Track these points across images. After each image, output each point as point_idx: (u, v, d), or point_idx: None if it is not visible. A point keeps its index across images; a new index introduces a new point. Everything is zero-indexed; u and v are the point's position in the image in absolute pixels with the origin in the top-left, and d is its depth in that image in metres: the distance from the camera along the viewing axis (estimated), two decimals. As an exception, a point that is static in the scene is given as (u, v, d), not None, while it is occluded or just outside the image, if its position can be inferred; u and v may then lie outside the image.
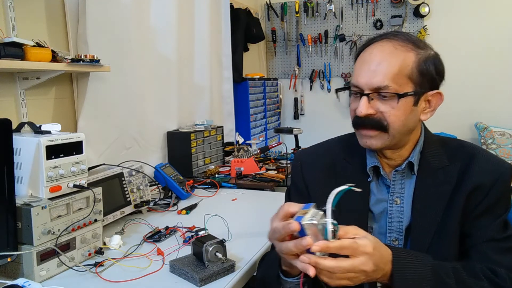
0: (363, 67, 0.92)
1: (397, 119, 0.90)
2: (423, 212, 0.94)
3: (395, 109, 0.89)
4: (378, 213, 0.99)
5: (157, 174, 1.92)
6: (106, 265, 1.21)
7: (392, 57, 0.89)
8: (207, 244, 1.12)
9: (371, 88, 0.90)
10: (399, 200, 0.97)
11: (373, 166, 0.99)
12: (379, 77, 0.88)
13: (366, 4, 3.86)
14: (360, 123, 0.94)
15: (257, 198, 1.94)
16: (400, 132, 0.92)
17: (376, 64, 0.90)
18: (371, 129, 0.93)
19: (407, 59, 0.89)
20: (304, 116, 4.26)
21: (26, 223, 1.07)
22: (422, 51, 0.91)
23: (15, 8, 1.51)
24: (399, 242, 0.97)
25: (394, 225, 0.97)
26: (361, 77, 0.91)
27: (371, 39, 0.96)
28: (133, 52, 2.04)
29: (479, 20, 3.56)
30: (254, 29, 3.64)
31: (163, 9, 2.28)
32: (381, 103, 0.90)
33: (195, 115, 2.68)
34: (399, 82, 0.88)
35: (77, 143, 1.22)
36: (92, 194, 1.24)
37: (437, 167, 0.96)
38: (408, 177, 0.98)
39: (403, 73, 0.89)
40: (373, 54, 0.91)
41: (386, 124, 0.91)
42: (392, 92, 0.88)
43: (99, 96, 1.83)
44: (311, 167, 1.08)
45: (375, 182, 1.00)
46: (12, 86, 1.55)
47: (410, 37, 0.93)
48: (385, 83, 0.88)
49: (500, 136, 3.46)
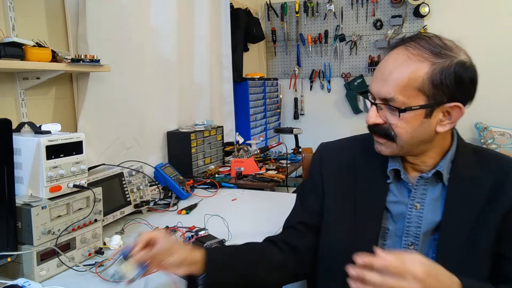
0: (377, 75, 0.90)
1: (404, 131, 0.88)
2: (453, 224, 0.91)
3: (401, 121, 0.87)
4: (396, 214, 0.97)
5: (157, 174, 1.92)
6: (106, 265, 1.20)
7: (403, 67, 0.85)
8: (207, 244, 1.12)
9: (380, 97, 0.89)
10: (419, 205, 0.94)
11: (393, 169, 0.97)
12: (387, 87, 0.86)
13: (366, 4, 3.86)
14: (371, 130, 0.94)
15: (257, 198, 1.94)
16: (409, 143, 0.90)
17: (387, 73, 0.87)
18: (379, 137, 0.93)
19: (419, 70, 0.84)
20: (304, 116, 4.26)
21: (26, 223, 1.07)
22: (441, 60, 0.84)
23: (15, 8, 1.51)
24: (414, 247, 0.95)
25: (411, 229, 0.95)
26: (373, 85, 0.90)
27: (393, 44, 0.93)
28: (133, 52, 2.04)
29: (479, 20, 3.56)
30: (254, 29, 3.64)
31: (163, 9, 2.28)
32: (389, 113, 0.89)
33: (195, 115, 2.68)
34: (407, 94, 0.85)
35: (77, 143, 1.22)
36: (92, 194, 1.24)
37: (468, 178, 0.92)
38: (432, 184, 0.95)
39: (412, 85, 0.84)
40: (387, 62, 0.89)
41: (394, 135, 0.89)
42: (397, 106, 0.86)
43: (99, 96, 1.83)
44: (331, 161, 1.07)
45: (394, 184, 0.98)
46: (12, 86, 1.55)
47: (432, 43, 0.86)
48: (392, 95, 0.86)
49: (500, 136, 3.46)
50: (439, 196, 0.94)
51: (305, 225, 1.06)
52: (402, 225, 0.96)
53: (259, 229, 1.44)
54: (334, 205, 1.03)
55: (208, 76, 2.83)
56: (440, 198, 0.94)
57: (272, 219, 1.15)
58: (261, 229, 1.41)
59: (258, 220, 1.57)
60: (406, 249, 0.95)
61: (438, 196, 0.94)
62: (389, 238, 0.97)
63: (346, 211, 1.00)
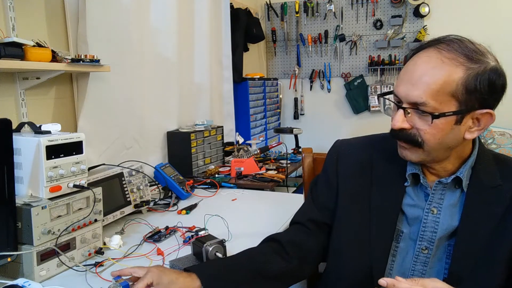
0: (405, 77, 0.86)
1: (433, 137, 0.85)
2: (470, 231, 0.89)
3: (431, 127, 0.83)
4: (411, 217, 0.95)
5: (157, 174, 1.92)
6: (106, 265, 1.21)
7: (437, 71, 0.81)
8: (207, 244, 1.12)
9: (409, 101, 0.84)
10: (436, 210, 0.93)
11: (412, 173, 0.95)
12: (418, 91, 0.82)
13: (366, 4, 3.86)
14: (393, 134, 0.90)
15: (257, 198, 1.94)
16: (436, 150, 0.87)
17: (418, 76, 0.83)
18: (404, 142, 0.89)
19: (453, 75, 0.81)
20: (304, 116, 4.26)
21: (26, 223, 1.07)
22: (475, 65, 0.82)
23: (15, 8, 1.51)
24: (429, 251, 0.93)
25: (427, 234, 0.93)
26: (401, 87, 0.86)
27: (421, 46, 0.88)
28: (133, 52, 2.04)
29: (479, 20, 3.56)
30: (254, 29, 3.64)
31: (163, 9, 2.28)
32: (418, 118, 0.85)
33: (195, 115, 2.68)
34: (439, 99, 0.81)
35: (77, 143, 1.21)
36: (92, 194, 1.24)
37: (488, 185, 0.90)
38: (451, 189, 0.93)
39: (446, 90, 0.81)
40: (417, 65, 0.84)
41: (421, 141, 0.86)
42: (429, 111, 0.82)
43: (99, 96, 1.83)
44: (348, 159, 1.04)
45: (412, 187, 0.96)
46: (12, 86, 1.55)
47: (465, 47, 0.84)
48: (423, 100, 0.81)
49: (500, 136, 3.46)
50: (457, 202, 0.92)
51: (315, 222, 1.04)
52: (418, 228, 0.94)
53: (259, 229, 1.44)
54: (348, 204, 1.01)
55: (208, 76, 2.83)
56: (457, 204, 0.92)
57: (272, 219, 1.15)
58: (261, 229, 1.41)
59: (258, 220, 1.57)
60: (419, 253, 0.94)
61: (455, 202, 0.92)
62: (402, 241, 0.96)
63: (360, 211, 0.98)
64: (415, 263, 0.94)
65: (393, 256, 0.96)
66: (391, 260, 0.96)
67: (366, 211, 0.98)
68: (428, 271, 0.93)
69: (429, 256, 0.93)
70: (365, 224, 0.97)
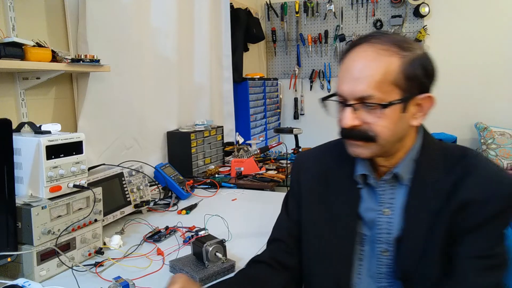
0: (346, 75, 0.86)
1: (385, 129, 0.85)
2: (412, 227, 0.89)
3: (382, 119, 0.84)
4: (368, 221, 0.95)
5: (157, 174, 1.92)
6: (106, 265, 1.21)
7: (376, 63, 0.83)
8: (207, 244, 1.12)
9: (355, 97, 0.85)
10: (389, 210, 0.92)
11: (361, 174, 0.95)
12: (362, 85, 0.83)
13: (366, 4, 3.86)
14: (345, 134, 0.90)
15: (257, 198, 1.94)
16: (389, 141, 0.87)
17: (358, 71, 0.84)
18: (357, 140, 0.88)
19: (392, 65, 0.83)
20: (304, 116, 4.26)
21: (26, 223, 1.07)
22: (408, 53, 0.85)
23: (15, 8, 1.51)
24: (389, 253, 0.93)
25: (383, 236, 0.93)
26: (344, 86, 0.86)
27: (353, 43, 0.89)
28: (133, 52, 2.04)
29: (479, 20, 3.56)
30: (254, 29, 3.64)
31: (163, 9, 2.28)
32: (367, 113, 0.85)
33: (195, 115, 2.68)
34: (383, 90, 0.83)
35: (77, 143, 1.22)
36: (92, 194, 1.24)
37: (430, 180, 0.89)
38: (399, 186, 0.92)
39: (387, 80, 0.83)
40: (355, 61, 0.86)
41: (373, 135, 0.86)
42: (376, 102, 0.83)
43: (99, 96, 1.83)
44: (307, 171, 1.06)
45: (366, 189, 0.96)
46: (12, 86, 1.55)
47: (394, 38, 0.86)
48: (369, 93, 0.83)
49: (500, 136, 3.46)
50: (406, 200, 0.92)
51: (291, 236, 1.05)
52: (375, 231, 0.94)
53: (259, 229, 1.44)
54: (311, 215, 1.02)
55: (208, 76, 2.83)
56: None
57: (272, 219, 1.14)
58: (261, 229, 1.41)
59: (258, 220, 1.57)
60: (380, 255, 0.93)
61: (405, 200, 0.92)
62: (366, 245, 0.96)
63: (321, 220, 0.99)
64: (379, 266, 0.94)
65: (360, 260, 0.96)
66: (358, 264, 0.96)
67: (327, 219, 0.99)
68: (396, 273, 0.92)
69: (391, 258, 0.92)
70: (327, 233, 0.97)
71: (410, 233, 0.89)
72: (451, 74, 3.64)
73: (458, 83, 3.61)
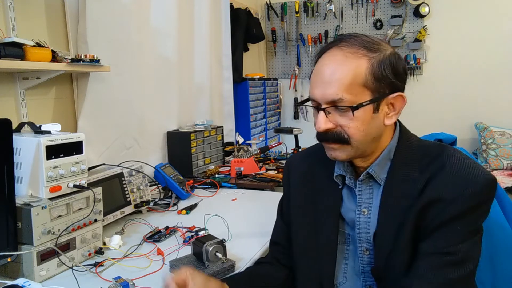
0: (317, 79, 0.88)
1: (357, 130, 0.86)
2: (384, 225, 0.90)
3: (353, 121, 0.86)
4: (349, 221, 0.97)
5: (157, 174, 1.92)
6: (106, 265, 1.21)
7: (344, 67, 0.85)
8: (207, 244, 1.12)
9: (326, 101, 0.86)
10: (366, 210, 0.94)
11: (340, 175, 0.97)
12: (332, 89, 0.85)
13: (366, 4, 3.86)
14: (321, 138, 0.91)
15: (257, 198, 1.94)
16: (363, 142, 0.88)
17: (328, 75, 0.86)
18: (333, 143, 0.90)
19: (360, 67, 0.85)
20: (304, 116, 4.25)
21: (26, 223, 1.07)
22: (375, 54, 0.86)
23: (15, 8, 1.51)
24: (370, 252, 0.94)
25: (362, 235, 0.94)
26: (316, 90, 0.88)
27: (324, 48, 0.91)
28: (133, 52, 2.04)
29: (479, 20, 3.56)
30: (254, 29, 3.64)
31: (163, 9, 2.27)
32: (339, 115, 0.87)
33: (195, 115, 2.68)
34: (353, 92, 0.84)
35: (77, 143, 1.22)
36: (92, 194, 1.24)
37: (404, 179, 0.89)
38: (376, 186, 0.94)
39: (357, 82, 0.84)
40: (325, 65, 0.87)
41: (347, 137, 0.87)
42: (347, 105, 0.84)
43: (99, 96, 1.83)
44: (295, 172, 1.08)
45: (346, 190, 0.98)
46: (12, 86, 1.55)
47: (362, 40, 0.88)
48: (339, 96, 0.84)
49: (500, 136, 3.46)
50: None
51: (287, 238, 1.07)
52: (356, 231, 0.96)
53: (259, 229, 1.44)
54: (298, 214, 1.04)
55: (208, 76, 2.83)
56: None
57: (272, 219, 1.15)
58: (261, 229, 1.42)
59: (258, 220, 1.57)
60: (362, 255, 0.95)
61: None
62: (351, 244, 0.98)
63: (307, 220, 1.01)
64: (363, 265, 0.96)
65: (345, 259, 0.99)
66: (344, 263, 0.99)
67: (311, 220, 1.01)
68: None
69: (371, 257, 0.94)
70: (313, 232, 1.00)
71: (383, 231, 0.91)
72: (451, 74, 3.64)
73: (458, 83, 3.61)
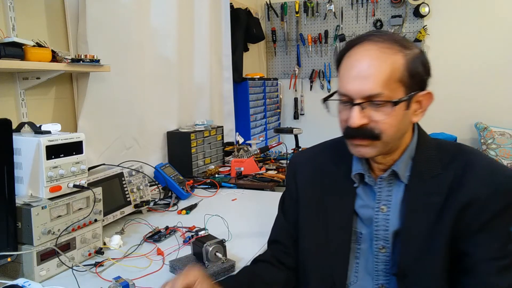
0: (351, 74, 0.86)
1: (391, 126, 0.85)
2: (411, 224, 0.89)
3: (389, 116, 0.84)
4: (365, 218, 0.96)
5: (157, 174, 1.92)
6: (106, 265, 1.21)
7: (382, 62, 0.83)
8: (207, 244, 1.12)
9: (363, 96, 0.84)
10: (385, 208, 0.93)
11: (358, 173, 0.96)
12: (370, 84, 0.83)
13: (366, 4, 3.86)
14: (352, 134, 0.89)
15: (257, 198, 1.94)
16: (394, 139, 0.88)
17: (365, 70, 0.83)
18: (363, 139, 0.88)
19: (397, 62, 0.84)
20: (304, 116, 4.26)
21: (26, 223, 1.07)
22: (410, 51, 0.86)
23: (15, 8, 1.51)
24: (386, 250, 0.93)
25: (380, 233, 0.94)
26: (350, 85, 0.85)
27: (353, 42, 0.89)
28: (133, 52, 2.04)
29: (479, 20, 3.56)
30: (254, 29, 3.64)
31: (163, 9, 2.27)
32: (374, 111, 0.85)
33: (195, 115, 2.68)
34: (391, 87, 0.83)
35: (77, 143, 1.22)
36: (92, 194, 1.24)
37: (428, 176, 0.90)
38: (396, 184, 0.93)
39: (394, 77, 0.83)
40: (359, 60, 0.85)
41: (379, 133, 0.86)
42: (386, 99, 0.83)
43: (99, 96, 1.83)
44: (303, 170, 1.07)
45: (362, 187, 0.97)
46: (12, 86, 1.55)
47: (394, 37, 0.87)
48: (378, 91, 0.82)
49: (500, 136, 3.46)
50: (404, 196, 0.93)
51: (288, 237, 1.06)
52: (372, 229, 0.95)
53: (259, 229, 1.44)
54: (307, 214, 1.03)
55: (208, 76, 2.83)
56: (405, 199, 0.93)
57: (272, 219, 1.15)
58: (261, 229, 1.41)
59: (258, 220, 1.57)
60: (378, 252, 0.94)
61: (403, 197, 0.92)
62: (363, 243, 0.97)
63: (318, 219, 1.00)
64: (377, 264, 0.95)
65: (356, 259, 0.98)
66: (355, 262, 0.97)
67: (323, 218, 1.00)
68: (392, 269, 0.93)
69: (388, 255, 0.93)
70: (323, 231, 0.99)
71: (410, 229, 0.90)
72: (451, 74, 3.63)
73: (458, 83, 3.60)
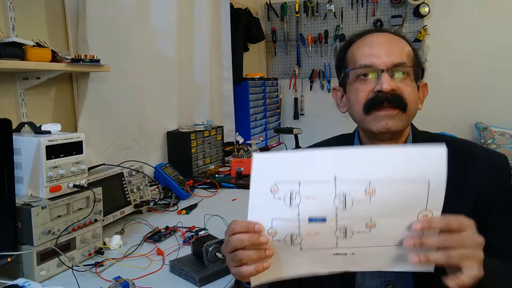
0: (374, 48, 0.90)
1: (413, 98, 0.89)
2: None
3: (412, 89, 0.89)
4: None
5: (157, 174, 1.92)
6: (106, 265, 1.21)
7: (399, 40, 0.92)
8: (207, 244, 1.12)
9: (390, 64, 0.87)
10: None
11: None
12: (396, 55, 0.88)
13: (366, 4, 3.86)
14: (383, 99, 0.87)
15: (257, 198, 1.93)
16: (412, 115, 0.91)
17: (388, 44, 0.90)
18: (393, 108, 0.87)
19: (407, 47, 0.92)
20: (304, 116, 4.26)
21: (26, 223, 1.07)
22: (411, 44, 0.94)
23: (15, 8, 1.51)
24: None
25: None
26: (375, 56, 0.88)
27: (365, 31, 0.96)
28: (133, 52, 2.04)
29: (479, 20, 3.56)
30: (254, 29, 3.63)
31: (163, 9, 2.27)
32: (400, 81, 0.88)
33: (195, 115, 2.68)
34: (411, 61, 0.90)
35: (77, 143, 1.22)
36: (92, 194, 1.24)
37: None
38: None
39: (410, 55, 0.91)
40: (380, 38, 0.92)
41: (405, 103, 0.87)
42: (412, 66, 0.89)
43: (99, 96, 1.83)
44: None
45: None
46: (12, 86, 1.55)
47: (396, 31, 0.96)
48: (404, 60, 0.88)
49: (500, 136, 3.46)
50: None
51: None
52: None
53: (259, 229, 1.44)
54: None
55: (208, 76, 2.83)
56: None
57: (272, 219, 1.15)
58: (261, 229, 1.41)
59: (258, 220, 1.57)
60: None
61: None
62: None
63: None
64: None
65: None
66: None
67: None
68: None
69: None
70: None
71: None
72: (451, 74, 3.63)
73: (458, 83, 3.60)
